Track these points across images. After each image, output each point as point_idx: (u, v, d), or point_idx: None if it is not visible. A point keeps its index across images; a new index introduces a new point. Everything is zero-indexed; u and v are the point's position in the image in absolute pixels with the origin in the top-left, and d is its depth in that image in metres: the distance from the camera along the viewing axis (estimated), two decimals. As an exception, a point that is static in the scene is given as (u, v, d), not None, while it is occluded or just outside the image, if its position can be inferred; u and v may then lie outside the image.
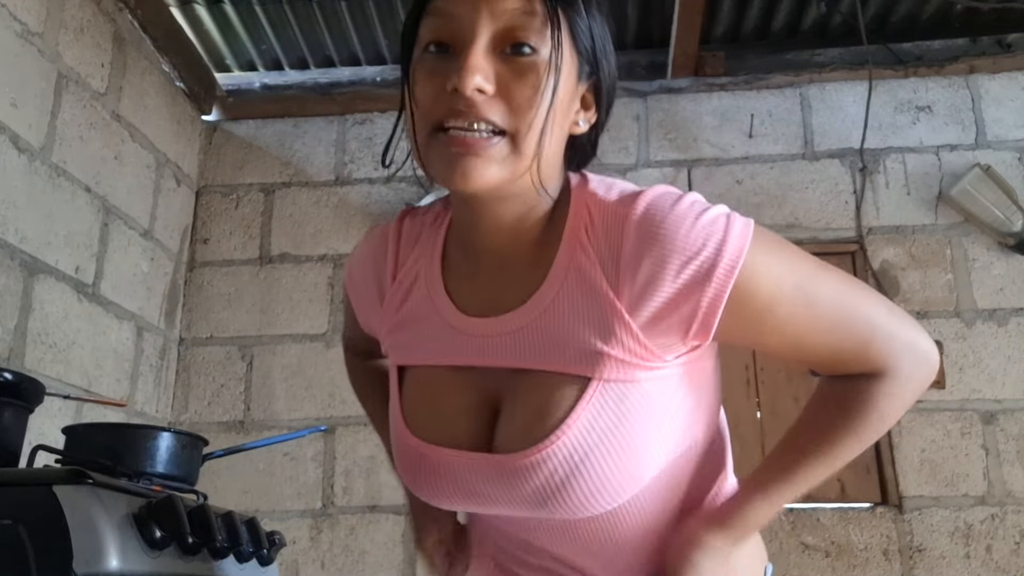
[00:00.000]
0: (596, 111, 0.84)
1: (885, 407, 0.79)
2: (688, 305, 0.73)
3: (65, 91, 2.34)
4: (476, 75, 0.70)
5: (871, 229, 2.84)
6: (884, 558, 2.54)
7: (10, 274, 2.09)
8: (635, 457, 0.76)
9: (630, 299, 0.74)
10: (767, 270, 0.74)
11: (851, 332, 0.77)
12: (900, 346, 0.78)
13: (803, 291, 0.76)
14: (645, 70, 3.11)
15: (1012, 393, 2.64)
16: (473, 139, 0.71)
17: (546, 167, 0.77)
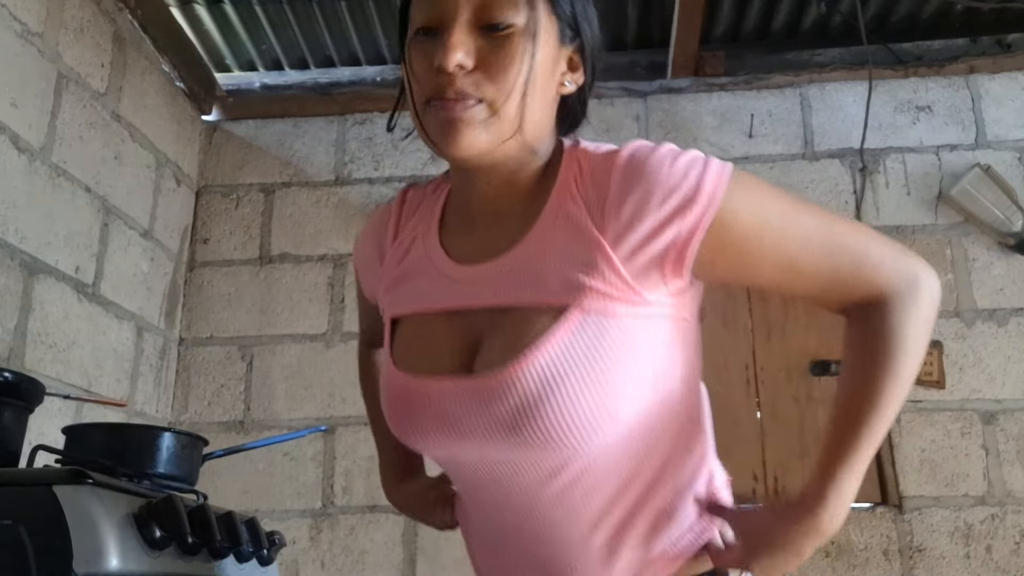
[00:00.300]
0: (583, 72, 0.89)
1: (906, 329, 0.81)
2: (668, 234, 0.76)
3: (65, 91, 2.34)
4: (455, 52, 0.77)
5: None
6: (884, 558, 2.54)
7: (10, 274, 2.10)
8: (610, 389, 0.76)
9: (614, 235, 0.77)
10: (748, 200, 0.78)
11: (844, 253, 0.80)
12: (894, 262, 0.81)
13: (788, 218, 0.79)
14: (645, 70, 3.11)
15: (1012, 393, 2.64)
16: (456, 107, 0.78)
17: (535, 128, 0.83)
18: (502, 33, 0.79)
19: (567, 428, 0.76)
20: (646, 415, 0.80)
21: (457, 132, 0.78)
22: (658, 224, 0.76)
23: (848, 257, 0.80)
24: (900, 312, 0.80)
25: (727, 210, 0.76)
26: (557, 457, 0.80)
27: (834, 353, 2.74)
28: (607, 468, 0.82)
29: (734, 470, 2.99)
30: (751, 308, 2.81)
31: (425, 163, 3.02)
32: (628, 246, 0.77)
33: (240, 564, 1.39)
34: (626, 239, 0.77)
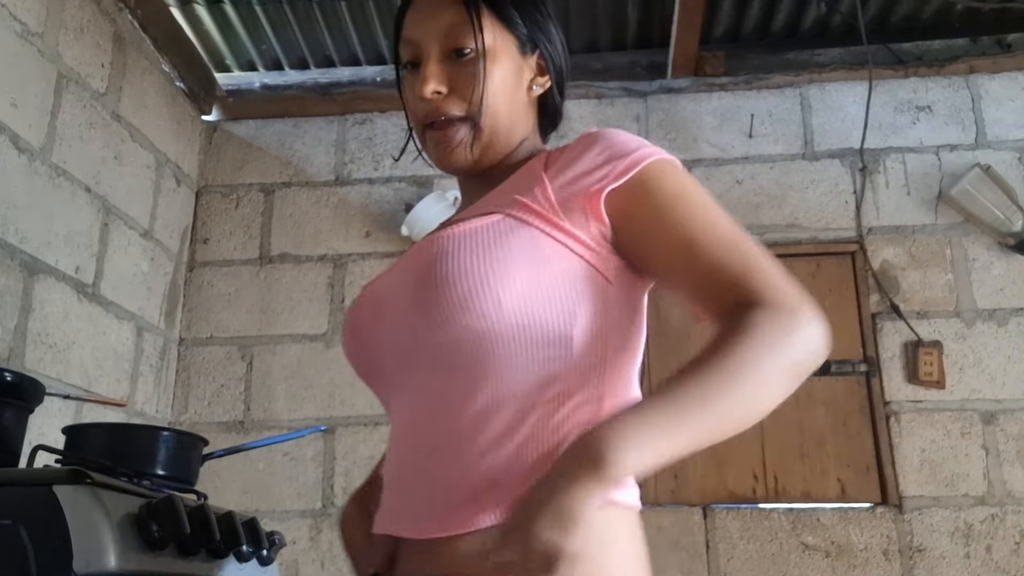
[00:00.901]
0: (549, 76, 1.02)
1: (767, 346, 0.75)
2: (596, 175, 0.85)
3: (65, 91, 2.34)
4: (429, 84, 0.93)
5: (871, 229, 2.84)
6: (884, 558, 2.54)
7: (10, 274, 2.10)
8: (503, 275, 0.81)
9: (554, 171, 0.88)
10: (674, 176, 0.86)
11: (740, 252, 0.81)
12: (785, 286, 0.80)
13: (703, 206, 0.85)
14: (645, 70, 3.11)
15: (1012, 393, 2.64)
16: (441, 132, 0.94)
17: (509, 128, 0.96)
18: (466, 58, 0.94)
19: (455, 290, 0.81)
20: (533, 337, 0.82)
21: (448, 152, 0.95)
22: (592, 167, 0.86)
23: (741, 256, 0.81)
24: (770, 328, 0.76)
25: (652, 171, 0.85)
26: (449, 339, 0.83)
27: (834, 353, 2.73)
28: (496, 376, 0.82)
29: (734, 470, 2.98)
30: (751, 308, 2.80)
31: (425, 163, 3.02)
32: (562, 179, 0.87)
33: (240, 564, 1.39)
34: (562, 174, 0.87)
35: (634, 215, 0.84)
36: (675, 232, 0.83)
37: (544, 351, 0.82)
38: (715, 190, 2.91)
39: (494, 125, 0.95)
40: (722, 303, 0.81)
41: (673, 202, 0.84)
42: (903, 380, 2.68)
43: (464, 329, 0.81)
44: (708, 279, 0.82)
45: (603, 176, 0.85)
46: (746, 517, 2.62)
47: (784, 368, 0.76)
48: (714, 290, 0.81)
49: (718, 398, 0.74)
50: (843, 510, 2.60)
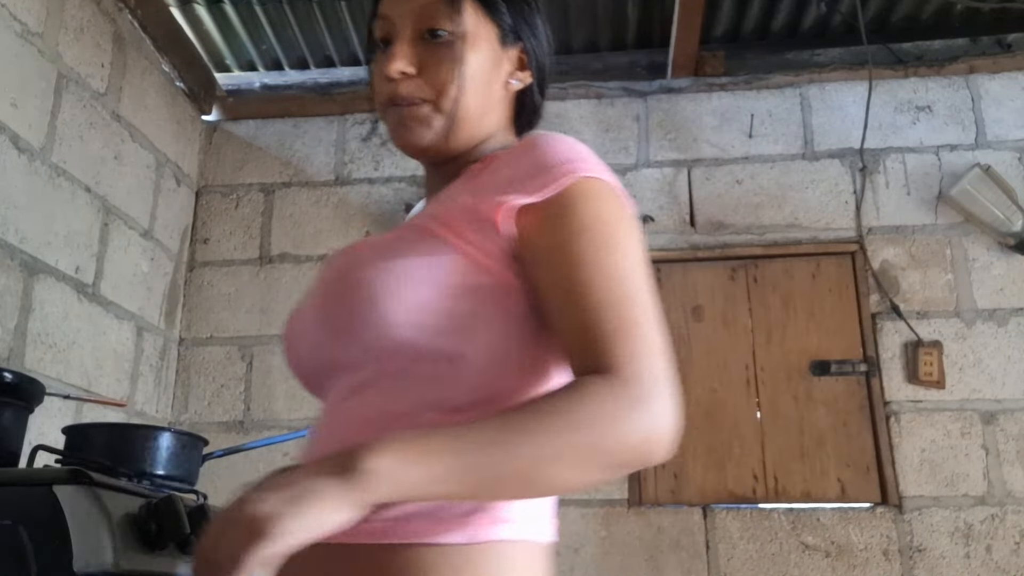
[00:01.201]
0: (530, 72, 0.95)
1: (589, 407, 0.67)
2: (519, 185, 0.78)
3: (65, 91, 2.34)
4: (397, 62, 0.88)
5: (871, 229, 2.84)
6: (884, 558, 2.54)
7: (10, 274, 2.09)
8: (396, 285, 0.76)
9: (486, 176, 0.83)
10: (597, 201, 0.78)
11: (620, 311, 0.72)
12: (642, 359, 0.69)
13: (613, 242, 0.76)
14: (645, 70, 3.11)
15: (1012, 393, 2.64)
16: (402, 111, 0.88)
17: (477, 121, 0.90)
18: (439, 40, 0.88)
19: (347, 303, 0.78)
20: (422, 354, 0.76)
21: (406, 130, 0.88)
22: (516, 176, 0.79)
23: (620, 317, 0.71)
24: (604, 403, 0.67)
25: (573, 192, 0.77)
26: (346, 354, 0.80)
27: (834, 353, 2.74)
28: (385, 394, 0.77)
29: (734, 470, 2.98)
30: (751, 308, 2.81)
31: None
32: (487, 187, 0.81)
33: (240, 564, 1.39)
34: (490, 181, 0.81)
35: (536, 240, 0.76)
36: (565, 270, 0.74)
37: (433, 368, 0.76)
38: (715, 190, 2.92)
39: (461, 113, 0.88)
40: (580, 365, 0.72)
41: (578, 234, 0.75)
42: (903, 380, 2.68)
43: (357, 344, 0.78)
44: (576, 334, 0.72)
45: (522, 188, 0.77)
46: (746, 517, 2.61)
47: (601, 450, 0.66)
48: (578, 348, 0.72)
49: (514, 453, 0.65)
50: (843, 510, 2.60)
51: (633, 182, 2.97)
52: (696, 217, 2.91)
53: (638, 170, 2.98)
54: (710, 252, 2.87)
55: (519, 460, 0.65)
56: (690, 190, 2.94)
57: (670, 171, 2.97)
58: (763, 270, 2.85)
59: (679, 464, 2.69)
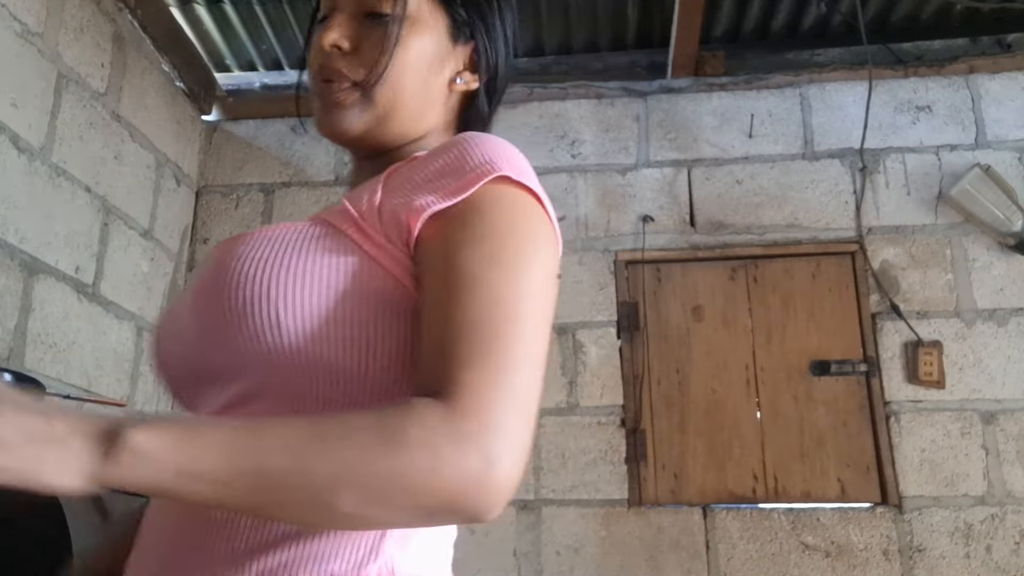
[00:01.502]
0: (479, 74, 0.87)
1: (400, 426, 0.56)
2: (431, 186, 0.69)
3: (65, 91, 2.34)
4: (331, 33, 0.80)
5: (871, 229, 2.84)
6: (884, 558, 2.53)
7: (10, 274, 2.09)
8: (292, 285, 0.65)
9: (400, 175, 0.73)
10: (503, 209, 0.68)
11: (488, 335, 0.61)
12: (483, 395, 0.58)
13: (511, 256, 0.66)
14: (645, 70, 3.11)
15: (1012, 393, 2.64)
16: (331, 90, 0.80)
17: (409, 114, 0.82)
18: (379, 22, 0.81)
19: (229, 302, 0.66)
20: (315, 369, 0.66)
21: (330, 115, 0.81)
22: (429, 176, 0.71)
23: (483, 340, 0.61)
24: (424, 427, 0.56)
25: (482, 196, 0.68)
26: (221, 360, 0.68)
27: (834, 353, 2.74)
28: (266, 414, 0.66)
29: (734, 470, 2.98)
30: (751, 308, 2.81)
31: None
32: (399, 185, 0.72)
33: (240, 564, 1.39)
34: (404, 179, 0.72)
35: (429, 244, 0.67)
36: (444, 280, 0.64)
37: (327, 387, 0.66)
38: (715, 190, 2.92)
39: (392, 102, 0.80)
40: (420, 385, 0.61)
41: (470, 243, 0.66)
42: (903, 380, 2.68)
43: (235, 351, 0.66)
44: (429, 351, 0.63)
45: (434, 190, 0.69)
46: (746, 517, 2.61)
47: (405, 483, 0.55)
48: (425, 366, 0.62)
49: (300, 463, 0.54)
50: (843, 510, 2.60)
51: (633, 182, 2.97)
52: (696, 217, 2.90)
53: (638, 170, 2.98)
54: (710, 252, 2.87)
55: (304, 474, 0.54)
56: (690, 190, 2.94)
57: (670, 171, 2.97)
58: (763, 270, 2.84)
59: (679, 464, 2.69)
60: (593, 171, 2.99)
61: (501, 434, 0.57)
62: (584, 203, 2.94)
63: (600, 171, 2.99)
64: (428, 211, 0.67)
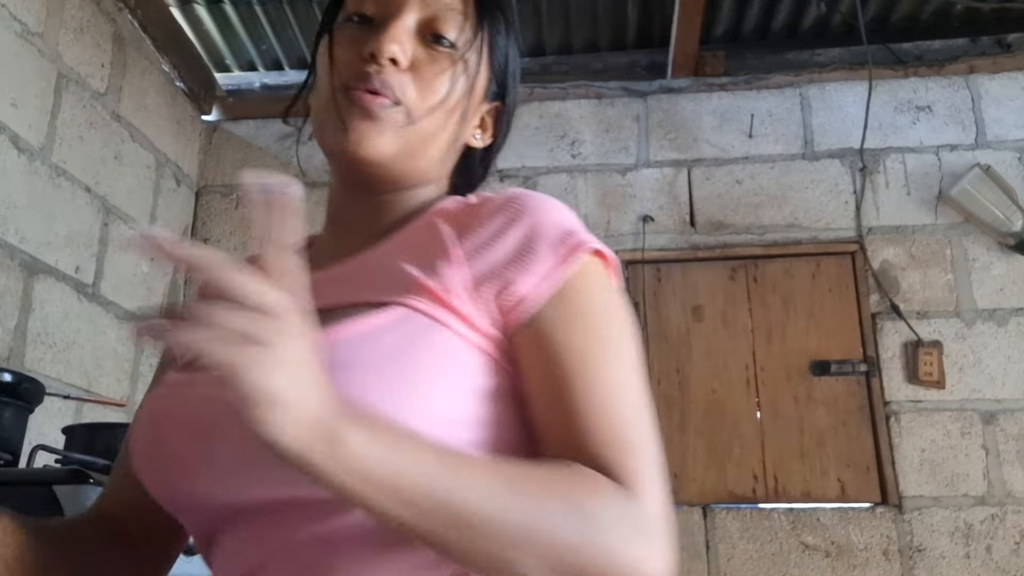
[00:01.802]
0: (493, 134, 0.83)
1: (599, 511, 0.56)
2: (521, 270, 0.65)
3: (65, 91, 2.34)
4: (392, 44, 0.71)
5: (871, 229, 2.84)
6: (884, 558, 2.54)
7: (10, 274, 2.09)
8: (413, 395, 0.60)
9: (471, 246, 0.67)
10: (600, 281, 0.68)
11: (624, 420, 0.62)
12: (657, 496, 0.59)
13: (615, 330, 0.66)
14: (645, 70, 3.11)
15: (1012, 393, 2.64)
16: (373, 101, 0.71)
17: (435, 158, 0.77)
18: (443, 49, 0.74)
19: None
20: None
21: (362, 126, 0.71)
22: (513, 256, 0.66)
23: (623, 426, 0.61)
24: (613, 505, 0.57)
25: (578, 275, 0.66)
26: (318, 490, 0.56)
27: (834, 353, 2.74)
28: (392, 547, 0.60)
29: (734, 470, 2.97)
30: (751, 309, 2.81)
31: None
32: (478, 262, 0.66)
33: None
34: (478, 255, 0.66)
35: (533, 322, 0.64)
36: (559, 361, 0.63)
37: None
38: (715, 190, 2.92)
39: (429, 138, 0.74)
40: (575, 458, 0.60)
41: (577, 320, 0.64)
42: (903, 380, 2.68)
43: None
44: (569, 434, 0.61)
45: (525, 270, 0.64)
46: (746, 517, 2.61)
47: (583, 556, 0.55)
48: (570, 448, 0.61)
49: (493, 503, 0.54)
50: (843, 510, 2.60)
51: (633, 182, 2.97)
52: (696, 217, 2.91)
53: (638, 170, 2.98)
54: (710, 252, 2.87)
55: (497, 523, 0.53)
56: (690, 190, 2.94)
57: (670, 171, 2.97)
58: (763, 270, 2.85)
59: (679, 464, 2.69)
60: (593, 171, 2.99)
61: (666, 527, 0.59)
62: (584, 203, 2.94)
63: (600, 171, 2.99)
64: (534, 303, 0.64)
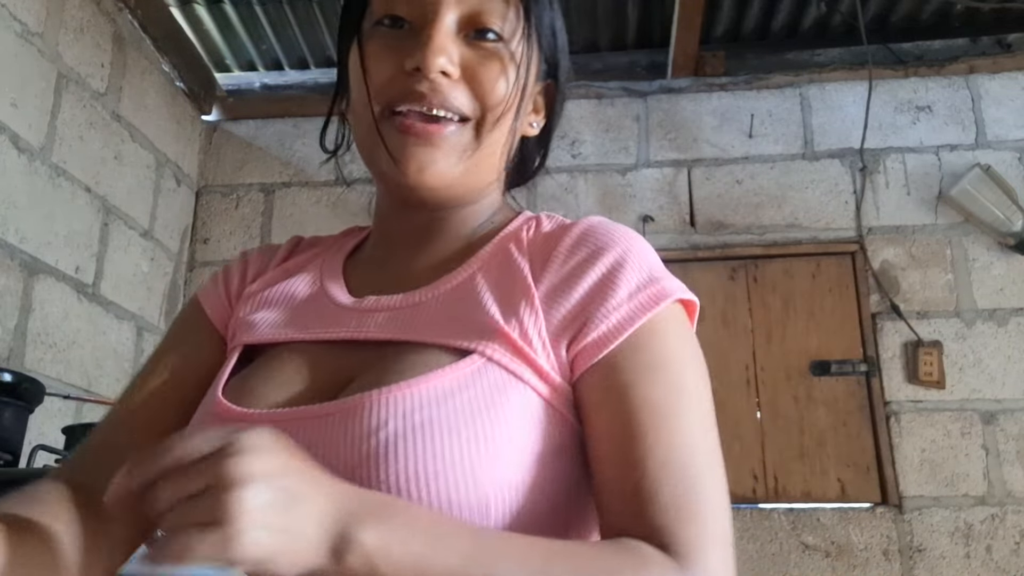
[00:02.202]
0: (546, 115, 0.76)
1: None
2: (602, 311, 0.61)
3: (65, 91, 2.34)
4: (439, 55, 0.63)
5: (871, 229, 2.84)
6: (884, 558, 2.53)
7: (10, 274, 2.09)
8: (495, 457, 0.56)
9: (549, 286, 0.63)
10: (681, 328, 0.64)
11: (690, 480, 0.57)
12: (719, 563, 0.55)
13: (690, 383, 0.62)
14: (645, 70, 3.11)
15: (1012, 393, 2.64)
16: (433, 127, 0.64)
17: (496, 168, 0.70)
18: (491, 44, 0.65)
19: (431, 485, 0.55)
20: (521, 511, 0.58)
21: (426, 155, 0.64)
22: (592, 295, 0.62)
23: (688, 488, 0.56)
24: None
25: (660, 318, 0.61)
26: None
27: (834, 353, 2.74)
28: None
29: (734, 470, 2.96)
30: (751, 308, 2.81)
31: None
32: (555, 303, 0.62)
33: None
34: (557, 293, 0.62)
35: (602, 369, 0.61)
36: (625, 414, 0.58)
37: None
38: (715, 190, 2.92)
39: (492, 147, 0.67)
40: (623, 529, 0.56)
41: (650, 372, 0.60)
42: (903, 380, 2.68)
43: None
44: (627, 493, 0.57)
45: (601, 320, 0.60)
46: (746, 517, 2.61)
47: None
48: (627, 511, 0.57)
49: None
50: (843, 510, 2.60)
51: (633, 182, 2.97)
52: (696, 217, 2.91)
53: (638, 170, 2.98)
54: (710, 252, 2.87)
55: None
56: (690, 190, 2.94)
57: (670, 171, 2.97)
58: (763, 270, 2.85)
59: (679, 464, 2.68)
60: (593, 171, 2.99)
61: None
62: (584, 203, 2.94)
63: (600, 171, 2.99)
64: (606, 347, 0.60)
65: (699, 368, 0.64)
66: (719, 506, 0.57)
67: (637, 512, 0.56)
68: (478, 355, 0.60)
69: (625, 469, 0.57)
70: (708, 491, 0.57)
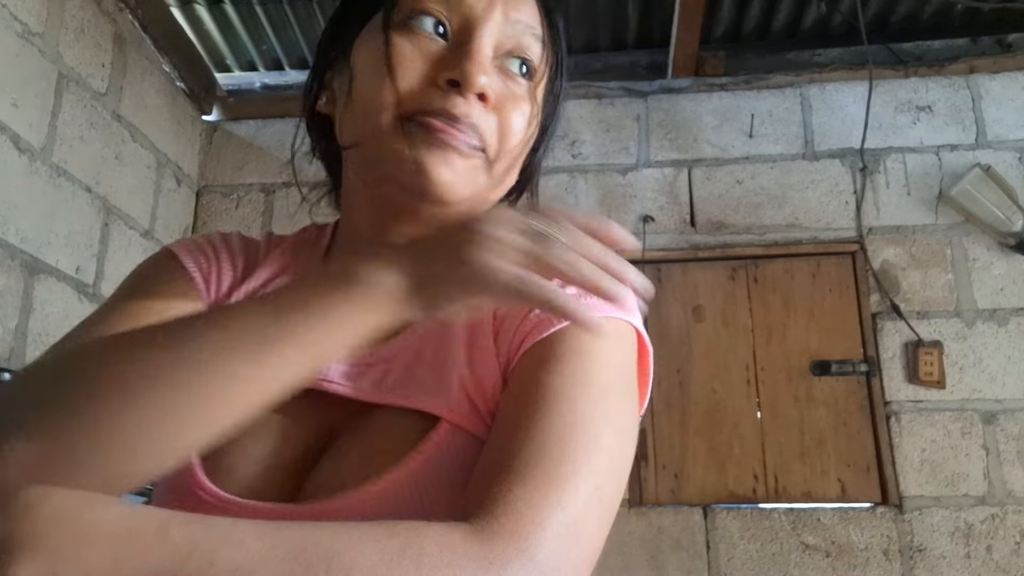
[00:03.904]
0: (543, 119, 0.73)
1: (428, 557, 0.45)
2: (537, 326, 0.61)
3: (65, 91, 2.34)
4: (485, 75, 0.59)
5: (871, 229, 2.84)
6: (884, 558, 2.54)
7: (10, 274, 2.09)
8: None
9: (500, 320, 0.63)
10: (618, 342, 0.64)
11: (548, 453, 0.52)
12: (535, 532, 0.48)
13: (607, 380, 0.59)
14: (645, 70, 3.11)
15: (1012, 393, 2.64)
16: (457, 136, 0.59)
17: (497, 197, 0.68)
18: (521, 80, 0.63)
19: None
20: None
21: (453, 158, 0.59)
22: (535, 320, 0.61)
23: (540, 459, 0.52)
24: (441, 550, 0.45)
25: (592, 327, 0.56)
26: None
27: (834, 353, 2.74)
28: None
29: (734, 470, 2.97)
30: (751, 309, 2.81)
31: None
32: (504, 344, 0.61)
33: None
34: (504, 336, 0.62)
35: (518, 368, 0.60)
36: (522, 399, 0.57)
37: None
38: (715, 190, 2.92)
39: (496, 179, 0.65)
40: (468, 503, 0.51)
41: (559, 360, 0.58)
42: (903, 380, 2.68)
43: None
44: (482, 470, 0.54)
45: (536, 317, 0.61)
46: (746, 517, 2.61)
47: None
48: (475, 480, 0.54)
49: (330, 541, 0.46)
50: (843, 510, 2.60)
51: (633, 182, 2.97)
52: (696, 217, 2.91)
53: (638, 170, 2.98)
54: (710, 252, 2.87)
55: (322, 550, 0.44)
56: (690, 190, 2.94)
57: (670, 171, 2.97)
58: (763, 270, 2.85)
59: (679, 464, 2.69)
60: (593, 171, 3.00)
61: (536, 565, 0.47)
62: (584, 203, 2.95)
63: (600, 171, 2.99)
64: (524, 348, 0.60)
65: (618, 370, 0.61)
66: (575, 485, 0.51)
67: (474, 486, 0.52)
68: (446, 422, 0.59)
69: (493, 448, 0.55)
70: (572, 470, 0.52)
